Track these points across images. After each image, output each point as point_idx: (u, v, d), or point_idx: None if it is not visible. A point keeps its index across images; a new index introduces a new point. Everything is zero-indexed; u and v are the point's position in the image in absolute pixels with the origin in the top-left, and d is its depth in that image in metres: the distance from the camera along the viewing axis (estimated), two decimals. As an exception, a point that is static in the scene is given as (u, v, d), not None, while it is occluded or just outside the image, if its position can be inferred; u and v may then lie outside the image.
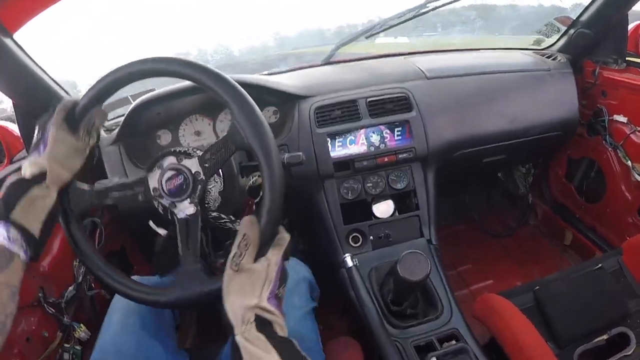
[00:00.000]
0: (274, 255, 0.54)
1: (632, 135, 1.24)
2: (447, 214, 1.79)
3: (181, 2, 1.66)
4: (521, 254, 1.66)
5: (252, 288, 0.51)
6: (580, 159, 1.49)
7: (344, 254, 1.02)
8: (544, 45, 1.47)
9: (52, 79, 0.99)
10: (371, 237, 1.13)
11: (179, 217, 0.69)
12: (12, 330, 0.85)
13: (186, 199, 0.68)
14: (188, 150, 0.70)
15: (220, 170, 0.74)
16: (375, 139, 1.14)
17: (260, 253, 0.55)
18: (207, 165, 0.67)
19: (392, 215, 1.16)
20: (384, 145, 1.14)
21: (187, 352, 0.88)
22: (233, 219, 0.72)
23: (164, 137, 1.15)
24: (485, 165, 1.38)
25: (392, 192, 1.16)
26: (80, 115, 0.66)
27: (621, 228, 1.34)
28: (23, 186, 0.59)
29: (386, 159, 1.13)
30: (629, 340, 0.90)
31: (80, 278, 1.02)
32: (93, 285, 1.08)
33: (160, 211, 0.71)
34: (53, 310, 0.93)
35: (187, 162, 0.69)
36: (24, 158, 1.00)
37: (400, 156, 1.14)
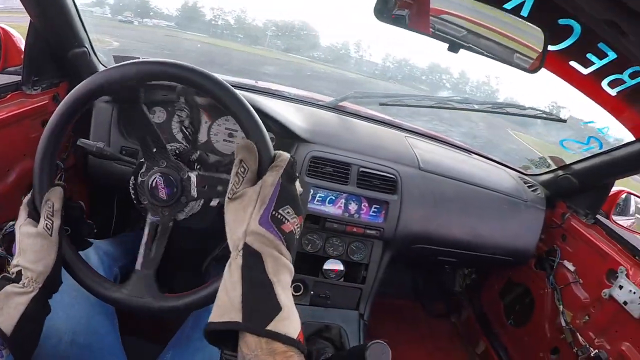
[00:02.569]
0: (269, 176, 0.51)
1: (572, 285, 1.29)
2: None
3: None
4: (433, 346, 1.69)
5: (244, 212, 0.49)
6: (519, 283, 1.54)
7: None
8: (529, 172, 1.51)
9: (80, 17, 0.99)
10: (312, 292, 1.16)
11: (149, 220, 0.67)
12: None
13: (166, 208, 0.67)
14: (194, 157, 0.71)
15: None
16: (352, 207, 1.14)
17: (259, 177, 0.52)
18: (204, 188, 0.67)
19: (339, 279, 1.18)
20: (357, 215, 1.15)
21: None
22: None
23: (159, 115, 1.12)
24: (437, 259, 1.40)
25: (347, 259, 1.18)
26: (39, 202, 0.61)
27: (530, 359, 1.40)
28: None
29: (354, 229, 1.15)
30: None
31: None
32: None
33: (133, 199, 0.69)
34: None
35: (185, 174, 0.67)
36: (16, 73, 0.99)
37: (367, 231, 1.16)
